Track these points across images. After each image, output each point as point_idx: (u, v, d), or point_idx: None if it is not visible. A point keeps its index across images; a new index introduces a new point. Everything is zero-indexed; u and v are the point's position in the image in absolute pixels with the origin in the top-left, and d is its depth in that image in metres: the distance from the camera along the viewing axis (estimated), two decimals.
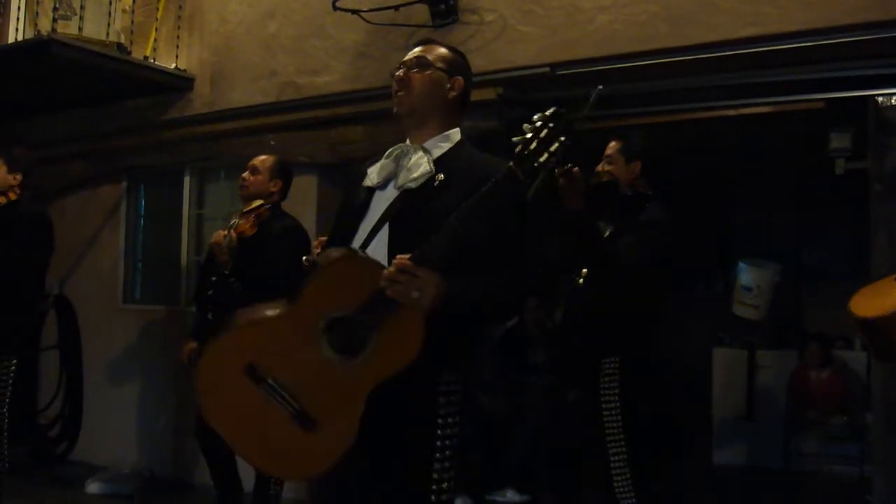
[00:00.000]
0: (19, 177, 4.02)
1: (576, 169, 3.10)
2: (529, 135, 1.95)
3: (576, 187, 3.10)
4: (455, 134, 2.26)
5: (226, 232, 4.03)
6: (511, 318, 3.75)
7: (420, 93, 2.22)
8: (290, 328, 2.04)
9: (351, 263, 2.04)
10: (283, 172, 4.21)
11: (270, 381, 2.02)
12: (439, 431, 2.07)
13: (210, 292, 4.10)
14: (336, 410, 2.02)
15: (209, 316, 4.09)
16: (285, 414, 2.01)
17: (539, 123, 1.96)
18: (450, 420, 2.09)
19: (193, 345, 4.18)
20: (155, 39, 5.70)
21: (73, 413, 6.36)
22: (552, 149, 1.94)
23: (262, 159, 4.19)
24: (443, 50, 2.29)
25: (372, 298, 1.95)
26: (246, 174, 4.16)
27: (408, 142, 2.26)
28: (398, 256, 1.93)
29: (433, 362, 2.04)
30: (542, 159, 1.94)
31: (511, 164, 1.96)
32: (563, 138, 1.95)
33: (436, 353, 2.02)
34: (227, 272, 3.97)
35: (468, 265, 2.00)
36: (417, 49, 2.29)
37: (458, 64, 2.30)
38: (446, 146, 2.22)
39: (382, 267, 1.97)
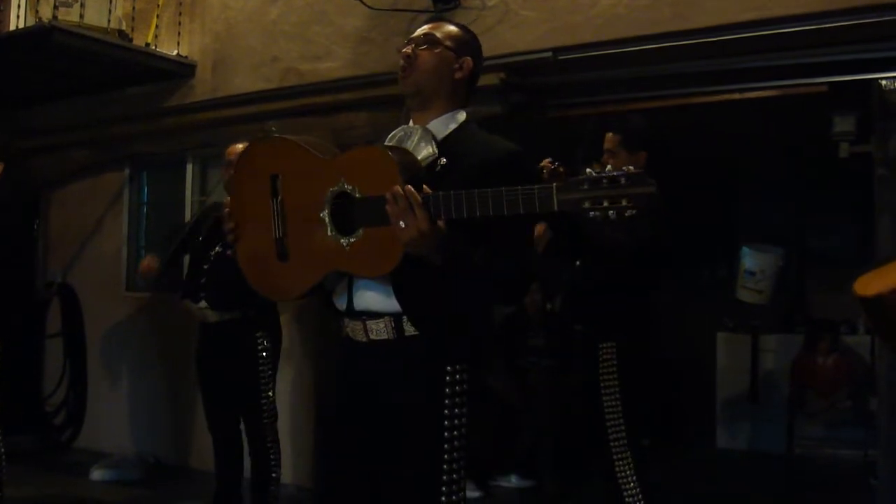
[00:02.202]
0: (1, 166, 4.03)
1: (561, 168, 3.09)
2: (605, 181, 1.69)
3: None
4: (460, 115, 2.18)
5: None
6: (513, 300, 3.70)
7: (426, 71, 2.13)
8: (318, 172, 2.08)
9: (393, 158, 1.97)
10: None
11: (280, 199, 2.12)
12: (446, 423, 2.02)
13: (205, 266, 3.90)
14: (303, 263, 2.12)
15: (202, 296, 3.88)
16: (272, 234, 2.14)
17: (623, 178, 1.68)
18: (456, 411, 2.04)
19: (157, 262, 4.03)
20: (156, 26, 5.68)
21: (77, 400, 6.40)
22: (606, 205, 1.68)
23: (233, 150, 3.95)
24: (453, 28, 2.21)
25: (376, 200, 1.92)
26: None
27: (411, 123, 2.18)
28: (411, 188, 1.85)
29: (437, 356, 2.03)
30: (588, 208, 1.70)
31: (555, 184, 1.74)
32: (627, 205, 1.67)
33: (439, 347, 2.02)
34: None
35: (477, 237, 1.94)
36: (426, 26, 2.21)
37: (467, 43, 2.20)
38: (450, 127, 2.14)
39: (399, 183, 1.89)
